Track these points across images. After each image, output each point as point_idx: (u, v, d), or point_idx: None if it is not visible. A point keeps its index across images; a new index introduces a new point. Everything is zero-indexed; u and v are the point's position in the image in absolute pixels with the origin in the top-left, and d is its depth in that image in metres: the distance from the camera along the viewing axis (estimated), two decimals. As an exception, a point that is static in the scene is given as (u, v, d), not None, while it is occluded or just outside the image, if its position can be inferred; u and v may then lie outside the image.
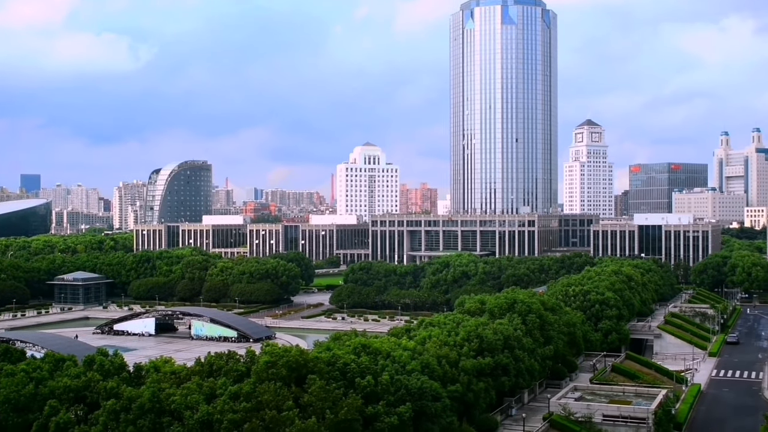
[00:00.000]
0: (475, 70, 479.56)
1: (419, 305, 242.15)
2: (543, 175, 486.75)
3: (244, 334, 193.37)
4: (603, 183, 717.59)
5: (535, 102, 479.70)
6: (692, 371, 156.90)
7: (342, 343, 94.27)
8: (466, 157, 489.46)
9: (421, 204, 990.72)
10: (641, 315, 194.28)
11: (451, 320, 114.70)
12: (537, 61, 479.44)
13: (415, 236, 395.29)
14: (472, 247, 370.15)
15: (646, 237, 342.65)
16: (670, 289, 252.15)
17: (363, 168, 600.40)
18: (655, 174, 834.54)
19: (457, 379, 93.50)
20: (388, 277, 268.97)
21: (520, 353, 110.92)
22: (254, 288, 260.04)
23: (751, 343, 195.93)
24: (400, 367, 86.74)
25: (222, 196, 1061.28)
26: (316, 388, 73.20)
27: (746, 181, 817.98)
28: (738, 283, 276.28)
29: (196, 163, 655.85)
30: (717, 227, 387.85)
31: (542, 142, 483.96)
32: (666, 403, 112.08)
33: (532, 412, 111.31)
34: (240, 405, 71.21)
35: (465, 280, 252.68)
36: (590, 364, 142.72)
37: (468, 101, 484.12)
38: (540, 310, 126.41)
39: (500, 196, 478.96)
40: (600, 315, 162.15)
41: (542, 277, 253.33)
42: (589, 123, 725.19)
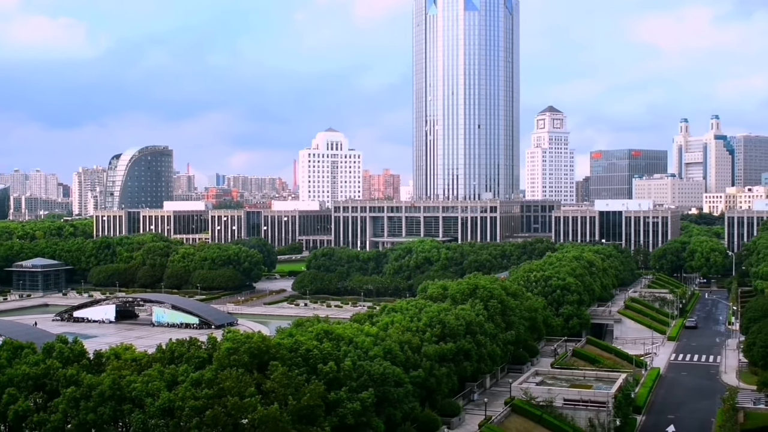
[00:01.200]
0: (438, 56, 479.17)
1: (382, 291, 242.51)
2: (505, 161, 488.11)
3: (205, 321, 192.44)
4: (564, 169, 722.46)
5: (497, 88, 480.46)
6: (652, 355, 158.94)
7: (304, 329, 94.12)
8: (429, 143, 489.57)
9: (383, 190, 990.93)
10: (602, 300, 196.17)
11: (413, 306, 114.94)
12: (499, 47, 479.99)
13: (378, 222, 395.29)
14: (434, 233, 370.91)
15: (607, 223, 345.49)
16: (630, 274, 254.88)
17: (325, 154, 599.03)
18: (616, 160, 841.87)
19: (419, 365, 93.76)
20: (350, 263, 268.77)
21: (482, 338, 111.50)
22: (216, 274, 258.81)
23: (709, 328, 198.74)
24: (363, 353, 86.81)
25: (183, 181, 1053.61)
26: (279, 374, 72.97)
27: (705, 168, 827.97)
28: (696, 269, 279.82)
29: (157, 149, 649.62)
30: (676, 213, 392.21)
31: (504, 128, 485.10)
32: (626, 386, 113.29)
33: (493, 396, 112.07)
34: (202, 392, 70.81)
35: (427, 266, 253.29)
36: (551, 349, 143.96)
37: (431, 87, 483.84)
38: (502, 296, 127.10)
39: (463, 182, 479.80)
40: (561, 300, 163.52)
41: (504, 262, 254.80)
42: (551, 110, 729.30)
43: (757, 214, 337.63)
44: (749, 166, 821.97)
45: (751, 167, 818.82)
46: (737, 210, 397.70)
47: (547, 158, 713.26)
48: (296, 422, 69.96)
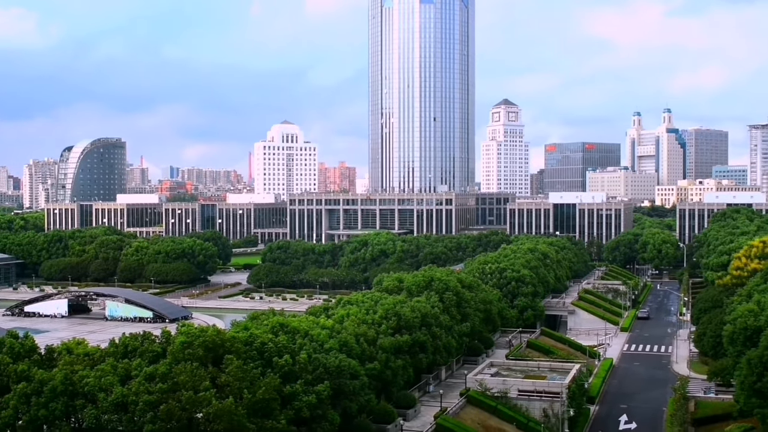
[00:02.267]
0: (394, 48, 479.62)
1: (338, 284, 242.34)
2: (460, 153, 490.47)
3: (159, 315, 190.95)
4: (519, 162, 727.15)
5: (453, 81, 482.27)
6: (605, 346, 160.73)
7: (260, 322, 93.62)
8: (385, 135, 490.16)
9: (339, 183, 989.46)
10: (556, 292, 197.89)
11: (369, 298, 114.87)
12: (455, 40, 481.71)
13: (334, 215, 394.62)
14: (390, 226, 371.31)
15: (561, 215, 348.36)
16: (584, 266, 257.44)
17: (281, 146, 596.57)
18: (570, 153, 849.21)
19: (375, 357, 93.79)
20: (306, 256, 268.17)
21: (438, 330, 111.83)
22: (170, 268, 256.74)
23: (661, 318, 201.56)
24: (318, 345, 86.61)
25: (137, 174, 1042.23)
26: (234, 368, 72.53)
27: (657, 161, 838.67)
28: (649, 260, 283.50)
29: (110, 141, 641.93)
30: (629, 205, 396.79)
31: (460, 121, 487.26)
32: (579, 377, 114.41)
33: (449, 388, 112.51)
34: (156, 386, 70.15)
35: (383, 258, 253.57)
36: (506, 341, 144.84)
37: (386, 80, 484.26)
38: (457, 288, 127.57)
39: (418, 174, 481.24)
40: (516, 292, 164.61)
41: (459, 255, 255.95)
42: (506, 103, 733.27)
43: (707, 206, 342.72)
44: (700, 160, 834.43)
45: (702, 160, 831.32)
46: (688, 202, 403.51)
47: (502, 151, 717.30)
48: (251, 416, 69.63)
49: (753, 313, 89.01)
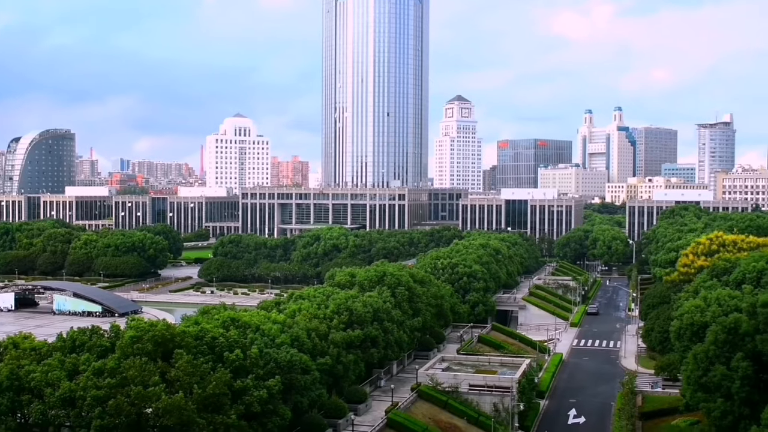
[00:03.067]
0: (348, 43, 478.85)
1: (290, 278, 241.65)
2: (414, 149, 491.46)
3: (109, 309, 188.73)
4: (472, 158, 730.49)
5: (406, 77, 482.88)
6: (555, 341, 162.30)
7: (210, 317, 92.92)
8: (338, 130, 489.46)
9: (292, 177, 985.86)
10: (507, 287, 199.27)
11: (321, 293, 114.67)
12: (409, 35, 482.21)
13: (286, 209, 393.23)
14: (343, 221, 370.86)
15: (513, 211, 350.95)
16: (535, 261, 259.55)
17: (233, 140, 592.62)
18: (522, 150, 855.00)
19: (326, 352, 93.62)
20: (258, 250, 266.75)
21: (389, 325, 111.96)
22: (120, 261, 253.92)
23: (610, 314, 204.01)
24: (270, 340, 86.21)
25: (86, 166, 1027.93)
26: (184, 362, 71.90)
27: (608, 158, 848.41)
28: (599, 256, 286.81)
29: (59, 132, 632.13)
30: (580, 202, 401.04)
31: (413, 116, 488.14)
32: (529, 372, 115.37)
33: (400, 383, 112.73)
34: (104, 381, 69.25)
35: (336, 253, 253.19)
36: (458, 335, 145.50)
37: (340, 74, 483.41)
38: (409, 283, 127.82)
39: (371, 169, 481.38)
40: (467, 287, 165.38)
41: (412, 250, 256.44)
42: (459, 99, 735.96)
43: (656, 203, 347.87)
44: (650, 157, 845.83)
45: (652, 158, 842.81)
46: (638, 200, 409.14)
47: (455, 147, 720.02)
48: (201, 411, 69.11)
49: (699, 309, 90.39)
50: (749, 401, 71.87)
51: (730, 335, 75.96)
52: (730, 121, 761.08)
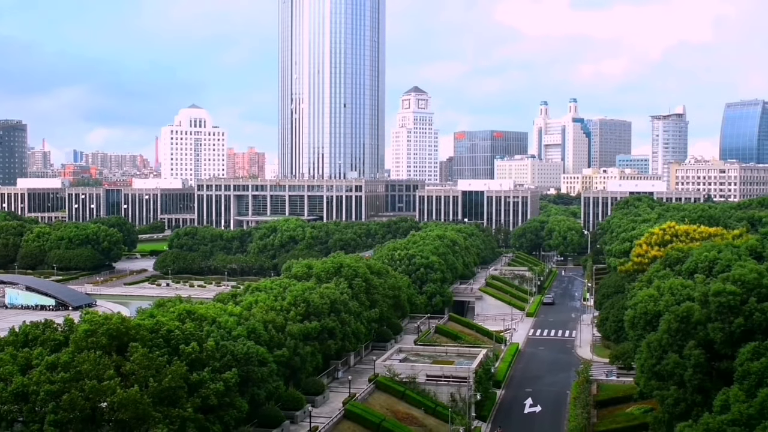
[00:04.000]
0: (304, 34, 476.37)
1: (246, 270, 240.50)
2: (370, 140, 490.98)
3: (62, 302, 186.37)
4: (429, 149, 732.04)
5: (363, 68, 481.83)
6: (511, 331, 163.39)
7: (166, 309, 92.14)
8: (294, 121, 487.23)
9: (248, 168, 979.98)
10: (464, 278, 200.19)
11: (277, 285, 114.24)
12: (365, 27, 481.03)
13: (242, 201, 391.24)
14: (299, 212, 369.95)
15: (469, 202, 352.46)
16: (492, 252, 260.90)
17: (188, 131, 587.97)
18: (479, 141, 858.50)
19: (283, 344, 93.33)
20: (214, 242, 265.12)
21: (347, 317, 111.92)
22: (73, 254, 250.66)
23: (566, 304, 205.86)
24: (226, 332, 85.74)
25: (38, 158, 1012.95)
26: (139, 356, 71.17)
27: (563, 149, 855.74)
28: (554, 247, 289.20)
29: (10, 123, 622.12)
30: (536, 193, 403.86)
31: (370, 108, 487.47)
32: (486, 362, 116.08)
33: (358, 374, 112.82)
34: (58, 375, 68.30)
35: (292, 244, 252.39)
36: (415, 326, 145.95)
37: (296, 65, 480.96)
38: (366, 274, 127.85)
39: (328, 161, 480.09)
40: (425, 278, 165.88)
41: (369, 241, 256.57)
42: (416, 90, 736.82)
43: (611, 194, 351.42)
44: (604, 149, 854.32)
45: (607, 149, 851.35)
46: (593, 190, 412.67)
47: (412, 138, 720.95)
48: (157, 404, 68.51)
49: (653, 298, 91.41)
50: (701, 388, 72.92)
51: (682, 324, 76.95)
52: (683, 112, 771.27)
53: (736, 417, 59.78)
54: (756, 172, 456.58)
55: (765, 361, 63.11)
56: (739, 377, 65.19)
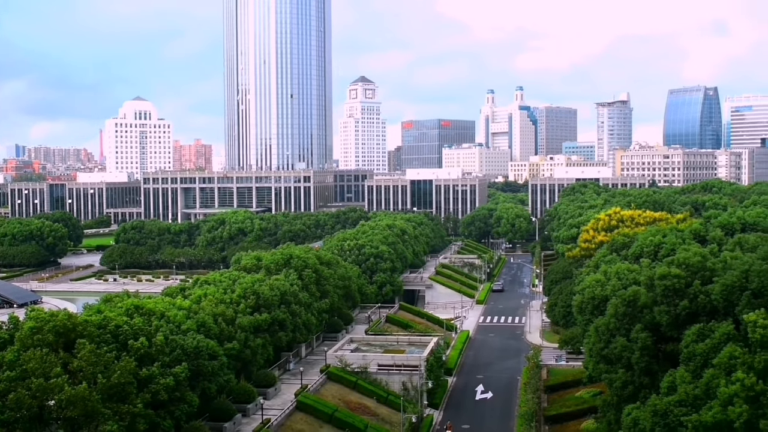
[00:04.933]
0: (249, 24, 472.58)
1: (195, 264, 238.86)
2: (318, 131, 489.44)
3: (6, 300, 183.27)
4: (377, 139, 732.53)
5: (309, 58, 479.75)
6: (461, 319, 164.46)
7: (114, 305, 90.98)
8: (241, 112, 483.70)
9: (195, 160, 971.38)
10: (414, 267, 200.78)
11: (227, 278, 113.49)
12: (311, 16, 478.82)
13: (190, 193, 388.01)
14: (248, 204, 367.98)
15: (418, 191, 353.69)
16: (441, 241, 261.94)
17: (134, 124, 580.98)
18: (427, 130, 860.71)
19: (234, 337, 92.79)
20: (161, 235, 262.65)
21: (297, 308, 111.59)
22: (17, 251, 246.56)
23: (515, 290, 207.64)
24: (176, 327, 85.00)
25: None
26: (86, 352, 70.19)
27: (510, 137, 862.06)
28: (503, 234, 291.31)
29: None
30: (484, 181, 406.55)
31: (317, 98, 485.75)
32: (437, 350, 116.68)
33: (309, 365, 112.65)
34: (3, 374, 67.09)
35: (241, 237, 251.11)
36: (366, 316, 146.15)
37: (242, 56, 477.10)
38: (316, 265, 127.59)
39: (276, 152, 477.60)
40: (375, 268, 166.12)
41: (318, 232, 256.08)
42: (363, 80, 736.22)
43: (558, 181, 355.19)
44: (551, 136, 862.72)
45: (553, 137, 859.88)
46: (540, 178, 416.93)
47: (360, 128, 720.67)
48: (106, 401, 67.65)
49: (600, 283, 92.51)
50: (648, 371, 74.00)
51: (629, 308, 77.97)
52: (627, 99, 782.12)
53: (683, 398, 60.82)
54: (698, 157, 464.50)
55: (710, 342, 64.22)
56: (684, 359, 66.28)
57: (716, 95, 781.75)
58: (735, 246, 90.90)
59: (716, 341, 63.67)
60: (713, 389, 57.77)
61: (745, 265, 70.87)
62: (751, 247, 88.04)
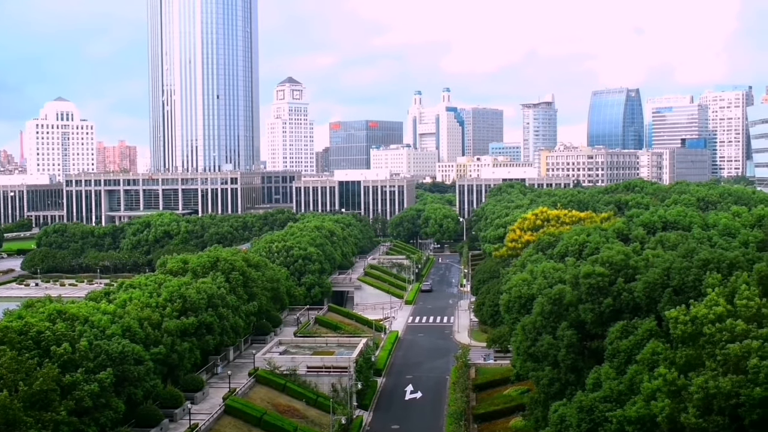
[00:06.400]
0: (174, 23, 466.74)
1: (119, 267, 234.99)
2: (245, 132, 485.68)
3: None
4: (304, 140, 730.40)
5: (236, 59, 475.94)
6: (390, 319, 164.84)
7: (35, 310, 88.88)
8: (167, 113, 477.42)
9: (119, 162, 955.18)
10: (342, 268, 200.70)
11: (153, 281, 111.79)
12: (237, 16, 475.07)
13: (114, 196, 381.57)
14: (174, 206, 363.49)
15: (347, 192, 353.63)
16: (370, 242, 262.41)
17: (55, 125, 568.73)
18: (354, 131, 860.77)
19: (160, 341, 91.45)
20: (85, 239, 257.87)
21: (225, 311, 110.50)
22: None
23: (443, 290, 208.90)
24: (100, 332, 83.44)
25: None
26: (7, 359, 68.50)
27: (438, 138, 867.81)
28: (431, 234, 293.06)
29: None
30: (412, 182, 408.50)
31: (244, 99, 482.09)
32: (366, 351, 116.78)
33: (238, 368, 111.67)
34: None
35: (167, 239, 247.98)
36: (294, 318, 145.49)
37: (167, 56, 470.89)
38: (243, 268, 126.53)
39: (202, 153, 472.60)
40: (303, 269, 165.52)
41: (246, 234, 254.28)
42: (290, 81, 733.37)
43: (485, 181, 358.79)
44: (478, 137, 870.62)
45: (480, 137, 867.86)
46: (467, 178, 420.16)
47: (287, 129, 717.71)
48: (28, 408, 66.07)
49: (526, 282, 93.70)
50: (574, 368, 75.14)
51: (555, 306, 79.07)
52: (552, 101, 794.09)
53: (608, 394, 61.91)
54: (621, 157, 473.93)
55: (633, 339, 65.49)
56: (609, 355, 67.47)
57: (638, 97, 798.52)
58: (657, 244, 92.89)
59: (639, 338, 64.98)
60: (637, 385, 58.91)
61: (667, 262, 72.48)
62: (672, 245, 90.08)
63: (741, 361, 50.72)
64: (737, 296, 57.42)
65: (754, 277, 61.73)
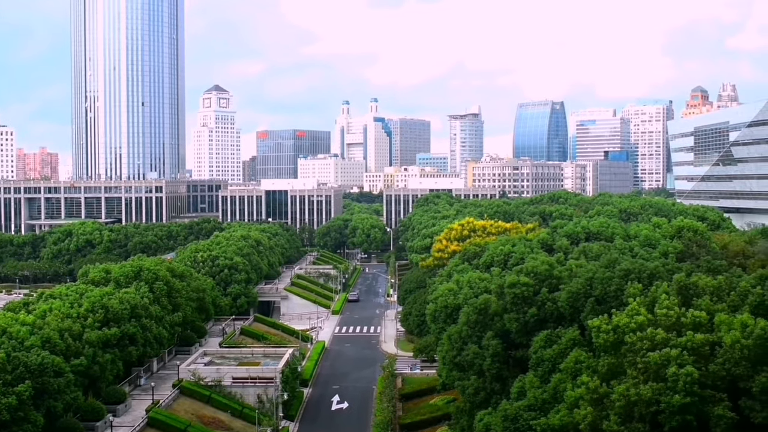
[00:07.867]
0: (98, 28, 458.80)
1: (39, 277, 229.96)
2: (171, 140, 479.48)
3: None
4: (231, 149, 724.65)
5: (162, 65, 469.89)
6: (317, 329, 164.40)
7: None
8: (90, 120, 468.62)
9: (40, 170, 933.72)
10: (269, 278, 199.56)
11: (74, 291, 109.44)
12: (163, 23, 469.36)
13: (34, 204, 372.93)
14: (97, 215, 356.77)
15: (273, 202, 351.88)
16: (296, 251, 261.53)
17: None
18: (282, 140, 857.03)
19: (81, 353, 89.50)
20: (3, 248, 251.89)
21: (148, 322, 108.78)
22: None
23: (370, 300, 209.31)
24: (18, 343, 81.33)
25: None
26: None
27: (365, 148, 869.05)
28: (358, 244, 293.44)
29: None
30: (339, 191, 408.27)
31: (170, 106, 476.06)
32: (293, 361, 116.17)
33: (161, 380, 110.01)
34: None
35: (90, 249, 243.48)
36: (220, 329, 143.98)
37: (90, 62, 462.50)
38: (167, 277, 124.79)
39: (126, 161, 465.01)
40: (229, 279, 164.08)
41: (171, 243, 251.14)
42: (217, 89, 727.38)
43: (412, 192, 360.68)
44: (405, 147, 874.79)
45: (407, 148, 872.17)
46: (395, 188, 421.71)
47: (214, 137, 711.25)
48: (-59, 423, 64.15)
49: (452, 292, 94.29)
50: (499, 377, 75.81)
51: (480, 315, 79.71)
52: (478, 112, 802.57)
53: (532, 402, 62.61)
54: (546, 169, 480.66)
55: (557, 348, 66.38)
56: (533, 364, 68.26)
57: (563, 109, 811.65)
58: (580, 254, 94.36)
59: (563, 347, 65.91)
60: (560, 393, 59.70)
61: (589, 272, 73.67)
62: (594, 255, 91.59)
63: (661, 368, 51.77)
64: (657, 305, 58.66)
65: (674, 286, 63.16)
